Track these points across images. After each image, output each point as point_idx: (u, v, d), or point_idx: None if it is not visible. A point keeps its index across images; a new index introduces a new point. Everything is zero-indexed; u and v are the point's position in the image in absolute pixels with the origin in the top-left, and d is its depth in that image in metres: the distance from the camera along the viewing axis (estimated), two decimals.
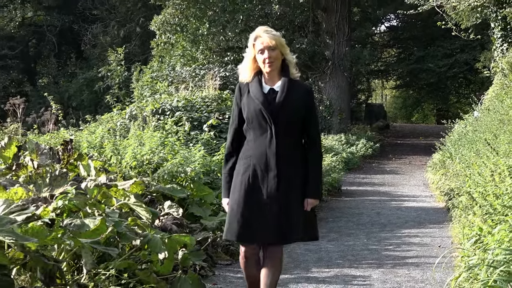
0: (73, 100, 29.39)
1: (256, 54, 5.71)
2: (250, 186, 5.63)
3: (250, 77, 5.81)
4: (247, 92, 5.77)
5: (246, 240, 5.71)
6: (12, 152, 9.70)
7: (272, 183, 5.57)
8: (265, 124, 5.61)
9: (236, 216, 5.61)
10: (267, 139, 5.61)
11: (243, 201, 5.61)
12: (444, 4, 21.84)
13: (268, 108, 5.58)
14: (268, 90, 5.73)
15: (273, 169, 5.57)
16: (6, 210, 5.59)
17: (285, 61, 5.79)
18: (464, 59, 34.47)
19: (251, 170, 5.65)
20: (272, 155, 5.57)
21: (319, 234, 6.00)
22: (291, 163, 5.68)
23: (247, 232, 5.59)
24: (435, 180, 16.98)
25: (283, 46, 5.72)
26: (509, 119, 11.29)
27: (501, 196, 7.02)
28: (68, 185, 7.34)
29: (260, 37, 5.65)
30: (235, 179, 5.78)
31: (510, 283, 4.98)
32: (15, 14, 32.69)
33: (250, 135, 5.75)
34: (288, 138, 5.67)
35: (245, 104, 5.75)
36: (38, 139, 13.07)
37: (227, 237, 5.81)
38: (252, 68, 5.80)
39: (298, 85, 5.87)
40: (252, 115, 5.65)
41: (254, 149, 5.68)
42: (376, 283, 7.83)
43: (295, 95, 5.70)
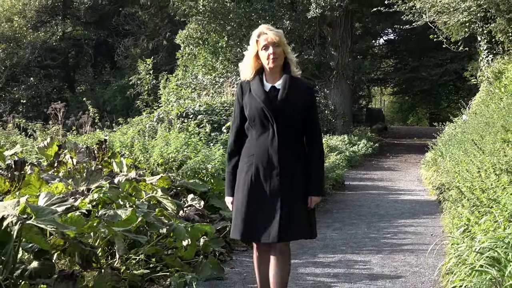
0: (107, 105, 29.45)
1: (259, 50, 5.26)
2: (253, 185, 5.20)
3: (252, 75, 5.35)
4: (249, 90, 5.32)
5: (251, 239, 5.36)
6: (54, 150, 9.73)
7: (275, 180, 5.15)
8: (267, 122, 5.17)
9: (241, 215, 5.21)
10: (269, 137, 5.16)
11: (246, 201, 5.21)
12: (436, 20, 21.79)
13: (270, 106, 5.13)
14: (269, 88, 5.27)
15: (275, 166, 5.15)
16: (48, 202, 5.60)
17: (286, 59, 5.33)
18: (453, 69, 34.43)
19: (253, 168, 5.22)
20: (274, 153, 5.13)
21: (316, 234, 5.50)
22: (294, 160, 5.24)
23: (252, 230, 5.19)
24: (428, 176, 16.97)
25: (285, 44, 5.29)
26: (494, 122, 11.27)
27: (486, 191, 7.01)
28: (103, 180, 7.36)
29: (264, 34, 5.23)
30: (239, 177, 5.36)
31: (494, 267, 4.97)
32: (56, 29, 32.75)
33: (252, 133, 5.29)
34: (290, 136, 5.21)
35: (246, 103, 5.29)
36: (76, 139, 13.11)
37: (233, 236, 5.34)
38: (253, 66, 5.34)
39: (299, 82, 5.38)
40: (254, 113, 5.20)
41: (256, 147, 5.23)
42: (375, 267, 7.83)
43: (296, 93, 5.24)
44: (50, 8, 33.45)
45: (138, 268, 6.79)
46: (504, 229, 5.36)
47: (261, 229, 5.15)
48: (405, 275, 7.40)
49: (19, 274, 5.21)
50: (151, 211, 6.98)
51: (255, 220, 5.16)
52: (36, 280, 5.22)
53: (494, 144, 9.07)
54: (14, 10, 32.76)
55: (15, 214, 5.16)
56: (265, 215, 5.13)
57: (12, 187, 6.64)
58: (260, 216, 5.15)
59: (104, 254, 6.72)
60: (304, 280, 7.21)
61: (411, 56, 39.00)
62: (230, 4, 27.79)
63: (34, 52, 31.38)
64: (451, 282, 5.87)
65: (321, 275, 7.43)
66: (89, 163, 8.72)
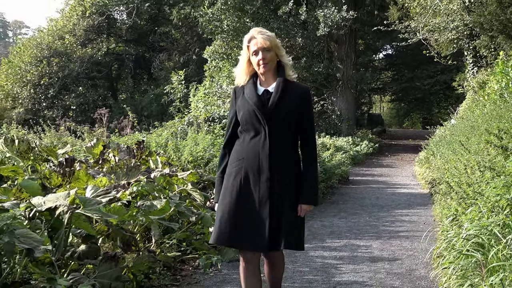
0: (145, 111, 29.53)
1: (250, 55, 4.53)
2: (242, 189, 4.41)
3: (246, 80, 4.61)
4: (242, 94, 4.58)
5: (237, 246, 4.56)
6: (99, 150, 9.76)
7: (265, 186, 4.36)
8: (259, 125, 4.42)
9: (228, 221, 4.37)
10: (260, 141, 4.40)
11: (234, 206, 4.39)
12: (428, 37, 21.80)
13: (262, 110, 4.40)
14: (262, 91, 4.53)
15: (265, 172, 4.37)
16: (94, 194, 5.61)
17: (281, 62, 4.58)
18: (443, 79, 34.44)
19: (243, 173, 4.43)
20: (265, 158, 4.37)
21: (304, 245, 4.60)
22: (285, 166, 4.45)
23: (238, 237, 4.37)
24: (421, 172, 16.91)
25: (278, 47, 4.53)
26: (478, 125, 11.21)
27: (472, 185, 6.97)
28: (141, 175, 7.37)
29: (254, 39, 4.49)
30: (226, 181, 4.53)
31: (479, 251, 4.95)
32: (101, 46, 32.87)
33: (244, 137, 4.52)
34: (282, 140, 4.45)
35: (240, 106, 4.55)
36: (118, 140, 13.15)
37: (217, 242, 4.48)
38: (247, 71, 4.60)
39: (294, 86, 4.59)
40: (246, 117, 4.46)
41: (247, 151, 4.46)
42: (376, 251, 7.81)
43: (290, 96, 4.48)
44: (96, 27, 33.57)
45: (171, 251, 6.80)
46: (487, 218, 5.33)
47: (248, 236, 4.36)
48: (401, 258, 7.39)
49: (69, 255, 5.23)
50: (182, 202, 6.99)
51: (243, 227, 4.37)
52: (83, 261, 5.24)
53: (479, 145, 9.02)
54: (66, 30, 32.91)
55: (66, 204, 5.18)
56: (254, 222, 4.35)
57: (64, 181, 6.66)
58: (247, 222, 4.37)
59: (142, 239, 6.74)
60: (314, 262, 7.19)
61: (406, 69, 39.06)
62: (250, 23, 27.79)
63: (83, 65, 31.52)
64: (441, 264, 5.85)
65: (329, 258, 7.42)
66: (129, 161, 8.74)
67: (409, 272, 6.70)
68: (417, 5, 21.06)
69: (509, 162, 6.07)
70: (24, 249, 4.56)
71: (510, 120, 8.64)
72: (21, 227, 4.72)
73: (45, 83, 30.79)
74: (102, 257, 5.28)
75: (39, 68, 30.90)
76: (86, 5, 33.04)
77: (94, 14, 33.20)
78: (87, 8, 32.99)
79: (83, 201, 5.18)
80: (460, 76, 23.65)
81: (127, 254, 5.82)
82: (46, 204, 5.23)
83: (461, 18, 19.57)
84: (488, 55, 19.60)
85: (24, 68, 31.04)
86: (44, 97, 30.80)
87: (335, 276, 6.50)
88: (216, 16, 27.82)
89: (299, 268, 6.84)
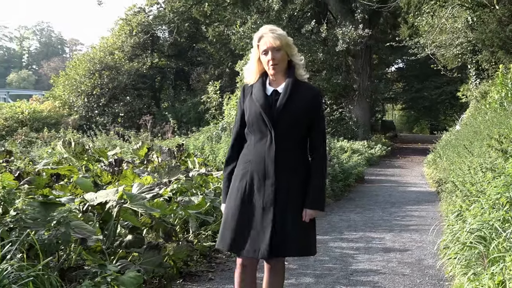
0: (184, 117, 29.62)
1: (260, 55, 3.85)
2: (246, 193, 3.79)
3: (256, 79, 3.94)
4: (250, 93, 3.91)
5: (238, 251, 3.82)
6: (144, 151, 9.81)
7: (269, 191, 3.72)
8: (265, 128, 3.75)
9: (231, 225, 3.79)
10: (266, 144, 3.75)
11: (238, 210, 3.78)
12: (435, 52, 21.65)
13: (269, 112, 3.73)
14: (271, 92, 3.85)
15: (271, 176, 3.72)
16: (139, 190, 5.64)
17: (292, 62, 3.88)
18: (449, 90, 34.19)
19: (248, 176, 3.80)
20: (270, 162, 3.72)
21: (315, 249, 3.95)
22: (292, 170, 3.78)
23: (240, 243, 3.75)
24: (429, 173, 16.78)
25: (289, 46, 3.82)
26: (481, 131, 11.10)
27: (475, 184, 6.91)
28: (180, 174, 7.40)
29: (264, 37, 3.79)
30: (233, 184, 3.90)
31: (481, 244, 4.90)
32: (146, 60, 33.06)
33: (251, 139, 3.88)
34: (289, 144, 3.79)
35: (247, 107, 3.89)
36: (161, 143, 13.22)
37: (219, 246, 3.88)
38: (257, 70, 3.92)
39: (305, 87, 3.87)
40: (253, 119, 3.80)
41: (253, 155, 3.81)
42: (388, 242, 7.76)
43: (299, 98, 3.79)
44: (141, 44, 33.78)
45: (206, 241, 6.80)
46: (489, 214, 5.27)
47: (249, 242, 3.73)
48: (411, 249, 7.33)
49: (118, 244, 5.26)
50: (217, 198, 6.99)
51: (245, 231, 3.75)
52: (130, 249, 5.26)
53: (481, 148, 8.92)
54: (115, 46, 33.17)
55: (115, 199, 5.21)
56: (256, 228, 3.73)
57: (113, 179, 6.71)
58: (250, 227, 3.75)
59: (181, 230, 6.76)
60: (333, 252, 7.16)
61: (416, 80, 38.83)
62: None
63: (130, 78, 31.74)
64: (447, 255, 5.80)
65: (346, 248, 7.38)
66: (170, 161, 8.78)
67: (418, 261, 6.64)
68: (425, 24, 20.95)
69: (509, 164, 5.99)
70: (79, 238, 4.60)
71: (509, 126, 8.55)
72: (76, 219, 4.76)
73: (97, 93, 31.04)
74: (146, 246, 5.30)
75: (92, 80, 31.18)
76: (133, 24, 33.28)
77: (140, 33, 33.42)
78: (134, 27, 33.23)
79: (129, 197, 5.22)
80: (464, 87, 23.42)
81: (168, 243, 5.84)
82: (98, 199, 5.28)
83: (465, 35, 19.45)
84: (489, 68, 19.41)
85: (79, 80, 31.34)
86: (96, 105, 31.06)
87: (352, 265, 6.47)
88: (247, 34, 27.84)
89: (320, 257, 6.81)
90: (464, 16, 18.65)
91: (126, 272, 4.66)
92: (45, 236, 4.39)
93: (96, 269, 4.61)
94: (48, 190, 5.43)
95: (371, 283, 5.68)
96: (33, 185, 5.73)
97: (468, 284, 4.73)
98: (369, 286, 5.57)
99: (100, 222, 5.34)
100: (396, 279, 5.84)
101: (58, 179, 6.71)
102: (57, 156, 9.31)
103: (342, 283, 5.66)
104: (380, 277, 5.93)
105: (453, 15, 19.51)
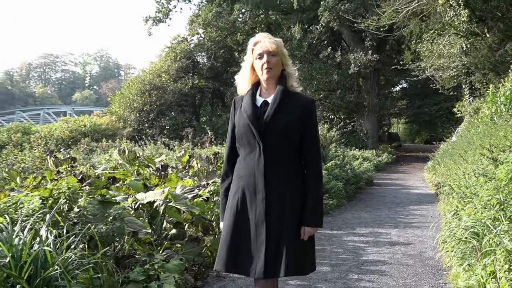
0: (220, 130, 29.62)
1: (254, 60, 3.16)
2: (239, 211, 3.10)
3: (248, 88, 3.25)
4: (240, 106, 3.20)
5: (233, 272, 3.12)
6: (186, 158, 9.86)
7: (261, 207, 3.01)
8: (253, 141, 3.04)
9: (226, 245, 3.10)
10: (255, 157, 3.04)
11: (231, 228, 3.10)
12: (434, 74, 21.50)
13: (256, 123, 3.03)
14: (261, 102, 3.13)
15: (261, 191, 3.02)
16: (182, 191, 5.66)
17: (284, 72, 3.17)
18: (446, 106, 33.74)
19: (240, 192, 3.10)
20: (260, 176, 3.01)
21: (313, 268, 3.16)
22: (284, 184, 3.05)
23: (235, 262, 3.07)
24: (429, 177, 16.63)
25: (284, 55, 3.15)
26: (474, 141, 10.98)
27: (469, 187, 6.82)
28: (216, 178, 7.41)
29: (260, 42, 3.15)
30: (228, 201, 3.21)
31: (475, 239, 4.84)
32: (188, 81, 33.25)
33: (242, 153, 3.16)
34: (280, 157, 3.05)
35: (237, 119, 3.18)
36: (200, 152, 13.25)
37: (217, 267, 3.15)
38: (250, 78, 3.23)
39: (296, 97, 3.14)
40: (241, 131, 3.10)
41: (244, 169, 3.11)
42: (394, 237, 7.68)
43: (290, 108, 3.06)
44: (184, 68, 33.94)
45: None
46: (481, 213, 5.21)
47: (244, 262, 3.05)
48: (413, 243, 7.25)
49: (163, 237, 5.28)
50: None
51: (240, 251, 3.07)
52: (174, 241, 5.28)
53: (474, 157, 8.82)
54: (162, 70, 33.46)
55: (161, 199, 5.24)
56: (251, 246, 3.05)
57: (160, 181, 6.75)
58: (245, 247, 3.06)
59: (217, 225, 6.77)
60: (346, 245, 7.11)
61: (417, 98, 38.45)
62: (299, 64, 27.85)
63: (174, 96, 31.95)
64: (445, 248, 5.75)
65: (358, 242, 7.33)
66: (208, 167, 8.81)
67: (420, 253, 6.57)
68: (425, 50, 20.83)
69: (498, 170, 5.91)
70: (131, 231, 4.63)
71: (498, 138, 8.45)
72: (129, 216, 4.80)
73: (147, 109, 31.29)
74: (188, 238, 5.32)
75: (143, 98, 31.43)
76: (177, 51, 33.52)
77: (183, 58, 33.59)
78: (178, 54, 33.46)
79: (174, 197, 5.24)
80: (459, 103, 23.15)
81: (206, 236, 5.85)
82: (147, 198, 5.31)
83: (460, 59, 19.28)
84: (481, 88, 19.19)
85: (132, 98, 31.63)
86: (146, 120, 31.29)
87: (362, 256, 6.42)
88: None
89: (335, 249, 6.77)
90: (459, 43, 18.51)
91: (170, 260, 4.68)
92: (103, 229, 4.43)
93: (146, 258, 4.63)
94: (105, 191, 5.48)
95: (379, 272, 5.63)
96: (93, 187, 5.79)
97: (464, 274, 4.69)
98: (378, 274, 5.52)
99: (149, 218, 5.37)
100: (400, 269, 5.78)
101: (114, 182, 6.77)
102: (113, 162, 9.39)
103: (354, 272, 5.62)
104: (387, 266, 5.87)
105: (449, 42, 19.37)
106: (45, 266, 3.39)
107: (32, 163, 10.06)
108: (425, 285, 5.14)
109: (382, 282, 5.22)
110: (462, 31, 17.56)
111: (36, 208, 4.26)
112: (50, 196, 4.68)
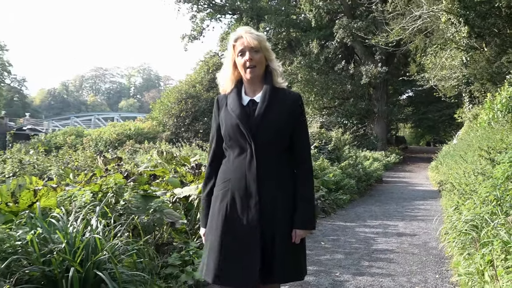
0: None
1: (236, 57, 2.60)
2: (228, 216, 2.52)
3: (231, 87, 2.69)
4: (225, 105, 2.65)
5: (223, 281, 2.48)
6: None
7: (253, 212, 2.47)
8: (244, 141, 2.51)
9: (214, 253, 2.51)
10: (246, 159, 2.50)
11: (220, 235, 2.51)
12: (437, 84, 21.27)
13: (247, 123, 2.50)
14: (247, 101, 2.60)
15: (253, 195, 2.47)
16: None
17: (269, 68, 2.63)
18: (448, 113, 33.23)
19: (229, 196, 2.53)
20: (252, 179, 2.48)
21: (306, 271, 2.67)
22: (277, 187, 2.52)
23: (226, 271, 2.48)
24: (432, 176, 16.46)
25: (267, 50, 2.61)
26: (473, 144, 10.82)
27: (469, 185, 6.72)
28: None
29: (241, 38, 2.58)
30: (213, 206, 2.62)
31: (474, 231, 4.77)
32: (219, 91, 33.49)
33: (229, 155, 2.60)
34: (272, 158, 2.53)
35: (222, 119, 2.63)
36: None
37: (205, 277, 2.57)
38: (232, 76, 2.67)
39: (283, 94, 2.61)
40: (230, 132, 2.55)
41: (232, 172, 2.55)
42: (401, 229, 7.60)
43: (279, 106, 2.55)
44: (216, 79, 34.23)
45: None
46: (480, 208, 5.12)
47: (236, 270, 2.47)
48: (419, 234, 7.16)
49: (197, 227, 5.30)
50: None
51: (231, 259, 2.49)
52: None
53: (473, 157, 8.69)
54: (196, 81, 33.66)
55: (196, 193, 5.26)
56: (243, 253, 2.47)
57: (194, 178, 6.78)
58: (236, 254, 2.48)
59: None
60: (358, 235, 7.06)
61: (422, 105, 38.02)
62: (316, 76, 27.81)
63: (207, 104, 32.09)
64: (447, 239, 5.68)
65: (369, 233, 7.27)
66: None
67: (424, 244, 6.49)
68: (429, 62, 20.66)
69: (495, 170, 5.81)
70: (169, 222, 4.66)
71: (495, 141, 8.31)
72: (167, 208, 4.83)
73: (183, 115, 31.49)
74: None
75: (180, 106, 31.64)
76: (209, 65, 33.71)
77: (214, 71, 33.79)
78: (210, 67, 33.64)
79: None
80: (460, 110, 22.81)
81: None
82: (183, 193, 5.34)
83: (461, 71, 19.05)
84: (480, 96, 18.91)
85: (170, 106, 31.87)
86: (182, 124, 31.49)
87: (373, 245, 6.36)
88: (293, 71, 27.90)
89: (348, 239, 6.73)
90: (459, 56, 18.31)
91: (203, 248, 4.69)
92: (145, 220, 4.47)
93: (182, 245, 4.66)
94: (147, 186, 5.52)
95: (388, 259, 5.57)
96: (136, 183, 5.85)
97: (464, 262, 4.63)
98: (386, 262, 5.46)
99: (185, 210, 5.40)
100: (407, 257, 5.71)
101: (154, 178, 6.83)
102: (154, 161, 9.46)
103: (365, 259, 5.58)
104: (395, 255, 5.81)
105: (451, 55, 19.17)
106: (95, 252, 3.43)
107: (84, 162, 10.18)
108: (429, 272, 5.07)
109: (390, 269, 5.17)
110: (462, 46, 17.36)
111: (87, 201, 4.32)
112: (100, 190, 4.74)
